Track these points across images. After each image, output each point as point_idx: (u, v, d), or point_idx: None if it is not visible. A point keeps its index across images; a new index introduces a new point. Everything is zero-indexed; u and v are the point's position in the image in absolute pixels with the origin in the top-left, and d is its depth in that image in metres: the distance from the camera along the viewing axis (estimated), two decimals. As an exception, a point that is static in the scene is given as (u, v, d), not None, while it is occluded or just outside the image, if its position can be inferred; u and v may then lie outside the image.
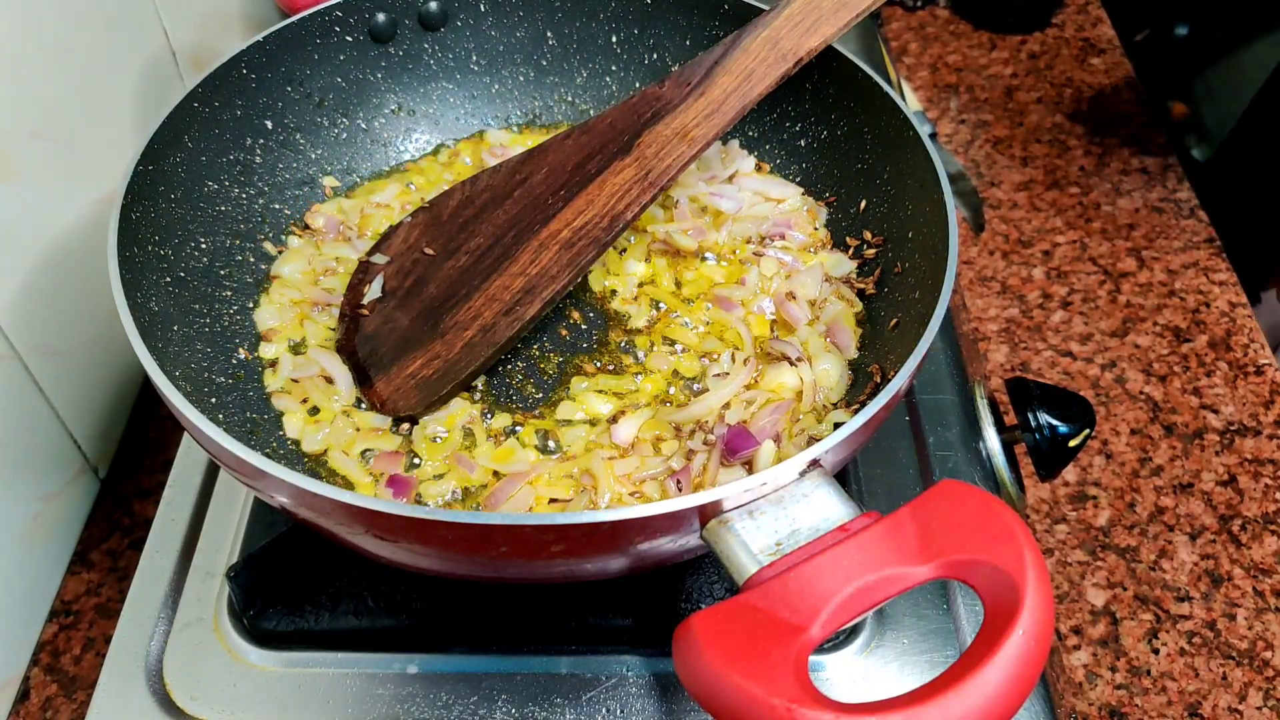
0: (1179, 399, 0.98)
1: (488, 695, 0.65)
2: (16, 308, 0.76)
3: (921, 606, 0.68)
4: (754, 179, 0.83)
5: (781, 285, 0.76)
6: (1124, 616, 0.83)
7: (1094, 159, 1.23)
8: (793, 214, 0.81)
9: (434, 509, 0.48)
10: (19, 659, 0.78)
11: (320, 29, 0.80)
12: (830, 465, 0.53)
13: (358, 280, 0.74)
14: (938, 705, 0.42)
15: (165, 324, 0.66)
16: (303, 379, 0.71)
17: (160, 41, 0.95)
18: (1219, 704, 0.78)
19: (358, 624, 0.67)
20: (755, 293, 0.76)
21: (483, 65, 0.89)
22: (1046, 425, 0.73)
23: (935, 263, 0.64)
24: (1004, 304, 1.07)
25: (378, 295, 0.73)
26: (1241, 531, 0.88)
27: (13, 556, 0.78)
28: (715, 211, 0.81)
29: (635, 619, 0.67)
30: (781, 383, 0.69)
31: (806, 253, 0.79)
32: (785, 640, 0.46)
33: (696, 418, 0.68)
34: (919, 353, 0.57)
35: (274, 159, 0.81)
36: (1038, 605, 0.45)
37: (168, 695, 0.65)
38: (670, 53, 0.87)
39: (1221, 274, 1.09)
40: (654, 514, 0.48)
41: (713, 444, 0.65)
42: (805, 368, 0.70)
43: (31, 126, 0.77)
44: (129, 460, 0.91)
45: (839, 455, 0.54)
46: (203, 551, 0.72)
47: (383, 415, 0.69)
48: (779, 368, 0.70)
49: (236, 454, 0.51)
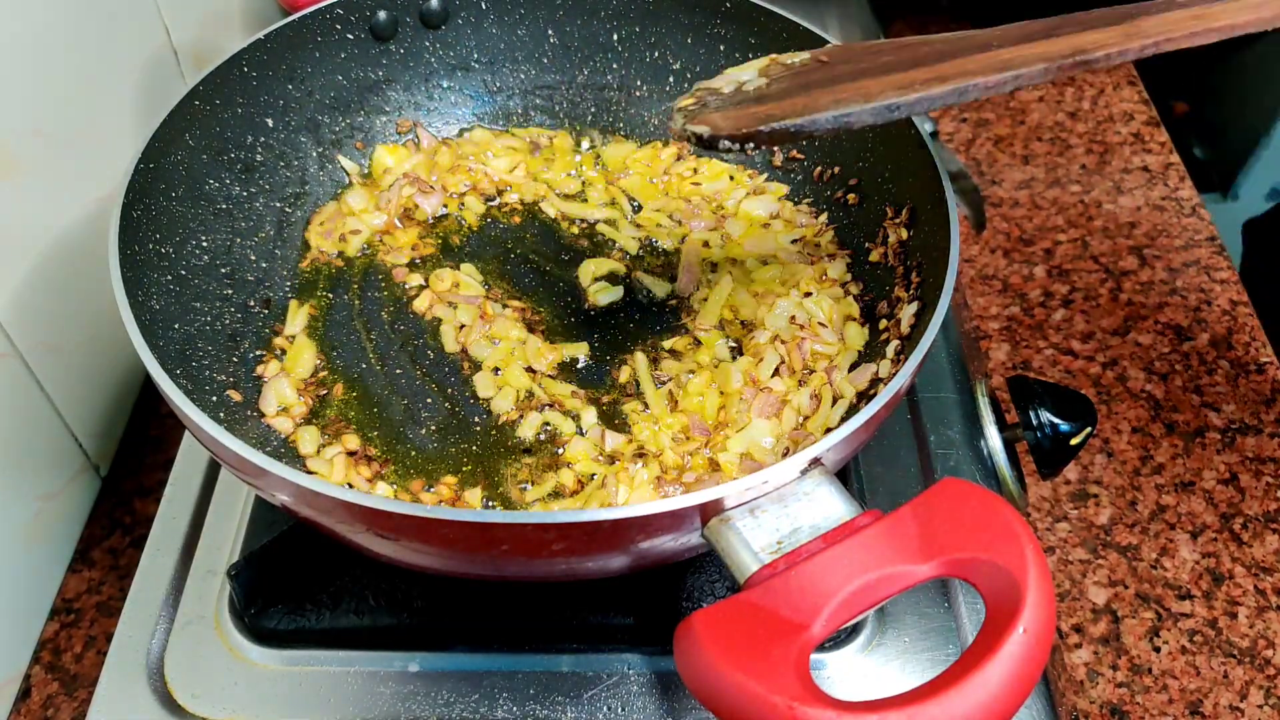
0: (1180, 397, 0.98)
1: (489, 693, 0.65)
2: (17, 305, 0.76)
3: (923, 605, 0.68)
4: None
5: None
6: (1125, 615, 0.83)
7: (1095, 157, 1.23)
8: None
9: (434, 507, 0.48)
10: (20, 657, 0.78)
11: (321, 27, 0.80)
12: (831, 463, 0.53)
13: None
14: (939, 703, 0.42)
15: (166, 322, 0.66)
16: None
17: (161, 39, 0.95)
18: (1220, 702, 0.78)
19: (359, 622, 0.67)
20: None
21: (484, 63, 0.89)
22: (1048, 423, 0.73)
23: (937, 261, 0.64)
24: (1005, 302, 1.07)
25: (750, 78, 0.63)
26: (1243, 530, 0.88)
27: (14, 554, 0.78)
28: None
29: (636, 617, 0.67)
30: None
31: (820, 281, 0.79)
32: (786, 638, 0.46)
33: None
34: (920, 351, 0.57)
35: (275, 157, 0.81)
36: (1039, 603, 0.45)
37: (169, 693, 0.65)
38: (672, 51, 0.87)
39: (1223, 272, 1.09)
40: (655, 512, 0.48)
41: None
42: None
43: (33, 124, 0.77)
44: (130, 458, 0.91)
45: (840, 453, 0.54)
46: (204, 550, 0.72)
47: (700, 139, 0.59)
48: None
49: (238, 452, 0.51)
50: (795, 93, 0.59)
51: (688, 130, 0.59)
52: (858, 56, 0.63)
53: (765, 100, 0.59)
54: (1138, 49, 0.57)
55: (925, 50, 0.60)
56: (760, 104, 0.59)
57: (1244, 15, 0.57)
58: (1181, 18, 0.58)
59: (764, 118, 0.57)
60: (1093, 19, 0.59)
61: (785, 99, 0.59)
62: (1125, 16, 0.58)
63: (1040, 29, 0.59)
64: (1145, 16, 0.58)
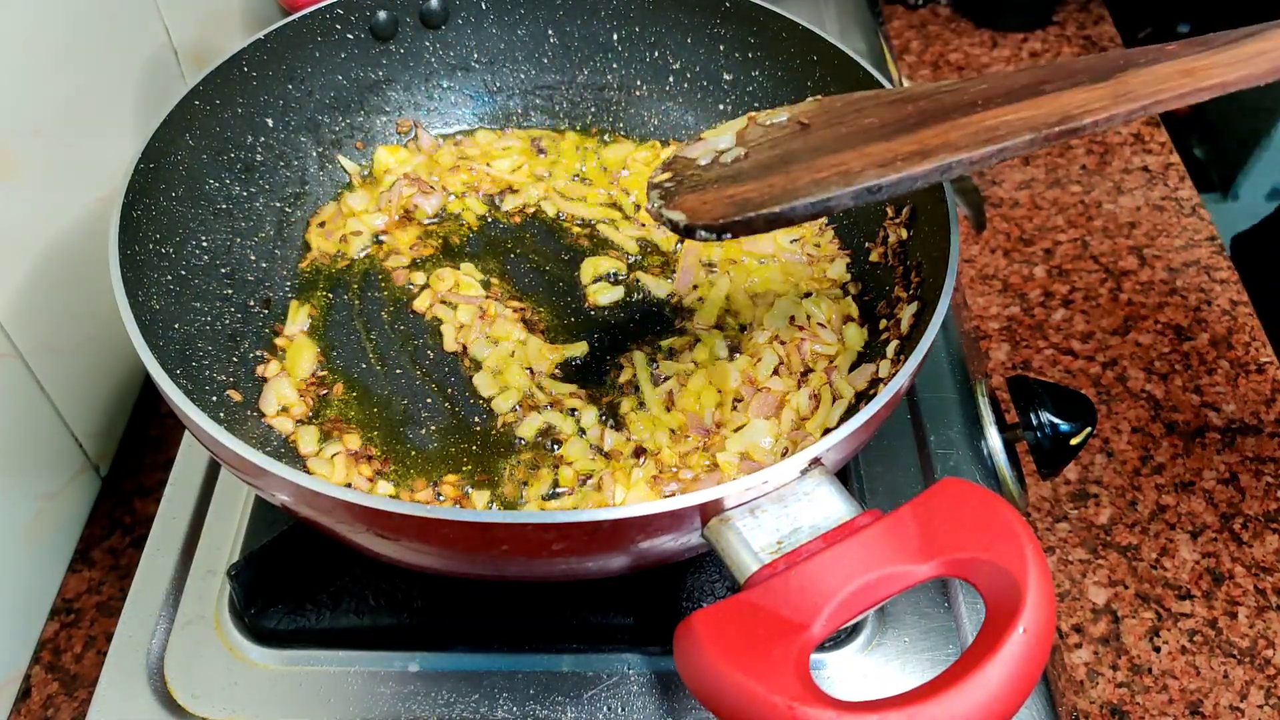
0: (1180, 397, 0.98)
1: (489, 693, 0.65)
2: (18, 306, 0.76)
3: (923, 605, 0.68)
4: None
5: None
6: (1125, 615, 0.83)
7: (1095, 157, 1.23)
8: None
9: (434, 507, 0.48)
10: (20, 657, 0.78)
11: (321, 27, 0.80)
12: (831, 463, 0.53)
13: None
14: (939, 703, 0.42)
15: (166, 322, 0.66)
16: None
17: (162, 39, 0.95)
18: (1220, 702, 0.78)
19: (359, 622, 0.67)
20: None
21: (484, 63, 0.89)
22: (1048, 423, 0.73)
23: (936, 261, 0.64)
24: (1005, 302, 1.07)
25: (728, 146, 0.61)
26: (1243, 530, 0.88)
27: (14, 554, 0.78)
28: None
29: (636, 617, 0.67)
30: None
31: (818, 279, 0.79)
32: (786, 638, 0.46)
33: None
34: (920, 351, 0.57)
35: (275, 157, 0.81)
36: (1039, 603, 0.45)
37: (169, 693, 0.65)
38: (672, 51, 0.87)
39: (1223, 272, 1.09)
40: (655, 512, 0.48)
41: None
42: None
43: (33, 125, 0.77)
44: (130, 458, 0.91)
45: (840, 453, 0.54)
46: (204, 550, 0.72)
47: (676, 227, 0.58)
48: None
49: (238, 452, 0.51)
50: (774, 169, 0.57)
51: (664, 216, 0.57)
52: (839, 117, 0.60)
53: (743, 179, 0.57)
54: (1125, 114, 0.55)
55: (909, 110, 0.58)
56: (738, 184, 0.57)
57: (1236, 72, 0.56)
58: (1170, 73, 0.56)
59: (741, 204, 0.55)
60: (1079, 70, 0.57)
61: (763, 178, 0.57)
62: (1113, 70, 0.57)
63: (1026, 82, 0.57)
64: (1134, 70, 0.57)
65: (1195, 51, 0.57)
